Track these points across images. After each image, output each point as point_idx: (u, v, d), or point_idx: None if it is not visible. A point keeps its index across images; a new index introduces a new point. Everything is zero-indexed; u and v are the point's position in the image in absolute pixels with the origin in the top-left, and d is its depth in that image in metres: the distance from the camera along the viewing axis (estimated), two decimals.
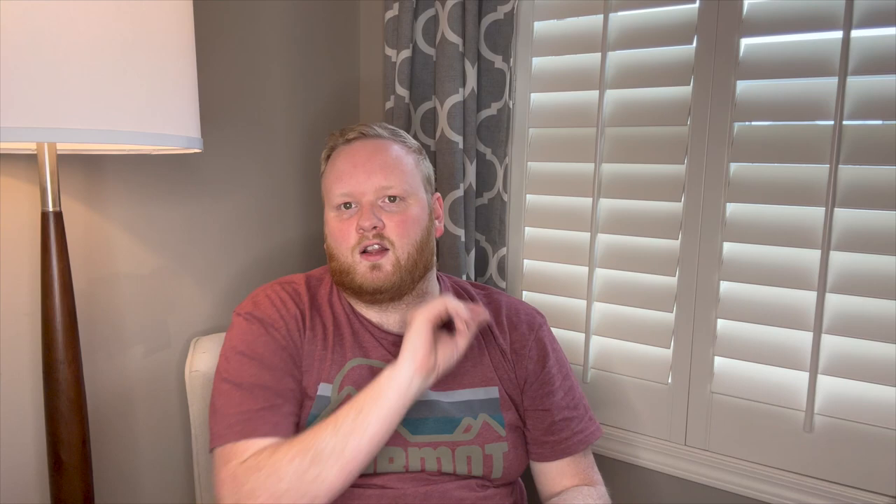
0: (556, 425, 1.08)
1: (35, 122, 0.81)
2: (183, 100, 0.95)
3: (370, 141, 1.05)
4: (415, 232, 1.02)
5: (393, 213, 1.01)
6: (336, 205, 1.03)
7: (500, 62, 1.38)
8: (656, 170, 1.29)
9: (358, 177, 1.01)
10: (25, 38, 0.80)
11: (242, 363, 0.98)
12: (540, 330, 1.13)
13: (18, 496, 1.12)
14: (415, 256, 1.02)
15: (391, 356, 1.04)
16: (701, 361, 1.27)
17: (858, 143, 1.10)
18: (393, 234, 1.00)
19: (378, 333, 1.06)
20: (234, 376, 0.97)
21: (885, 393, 1.10)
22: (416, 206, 1.03)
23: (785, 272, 1.17)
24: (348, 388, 1.01)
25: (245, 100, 1.40)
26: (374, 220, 0.99)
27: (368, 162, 1.01)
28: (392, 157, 1.03)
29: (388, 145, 1.05)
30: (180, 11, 0.94)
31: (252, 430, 0.92)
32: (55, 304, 0.97)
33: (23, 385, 1.11)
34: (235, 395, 0.95)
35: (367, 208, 1.00)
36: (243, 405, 0.94)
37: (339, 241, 1.02)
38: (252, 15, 1.39)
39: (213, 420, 0.96)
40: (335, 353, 1.03)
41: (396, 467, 0.99)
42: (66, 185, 1.13)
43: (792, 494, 1.19)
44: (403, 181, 1.02)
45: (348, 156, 1.04)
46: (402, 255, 1.00)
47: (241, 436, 0.92)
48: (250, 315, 1.02)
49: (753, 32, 1.17)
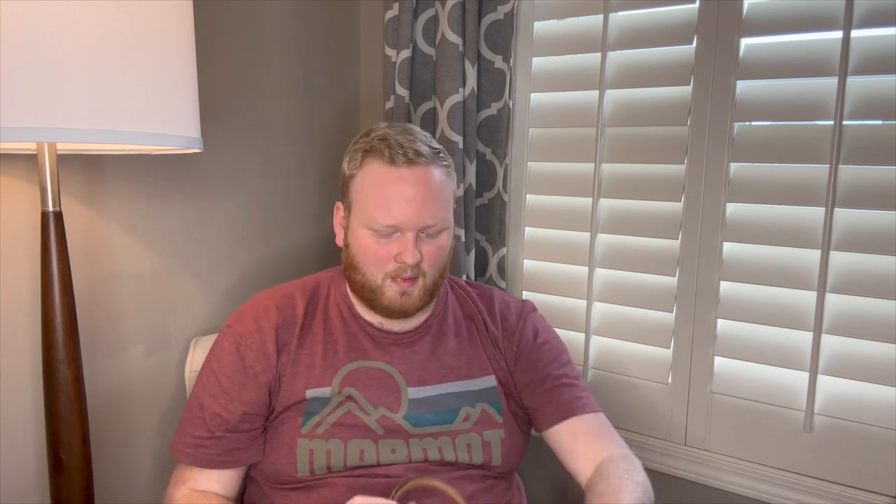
0: (556, 391, 1.08)
1: (35, 122, 0.81)
2: (183, 100, 0.95)
3: (418, 170, 0.98)
4: (444, 258, 1.03)
5: (430, 245, 1.01)
6: (375, 227, 0.99)
7: (500, 62, 1.38)
8: (656, 170, 1.29)
9: (407, 212, 0.97)
10: (25, 38, 0.80)
11: (209, 382, 1.03)
12: (529, 314, 1.15)
13: (18, 496, 1.12)
14: (438, 280, 1.04)
15: (389, 356, 1.06)
16: (701, 361, 1.27)
17: (858, 143, 1.10)
18: (427, 264, 1.01)
19: (377, 334, 1.07)
20: (200, 393, 1.04)
21: (885, 393, 1.10)
22: (448, 236, 1.03)
23: (785, 272, 1.17)
24: (348, 390, 1.02)
25: (245, 100, 1.40)
26: (419, 258, 0.99)
27: (419, 196, 0.97)
28: (437, 189, 1.00)
29: (432, 174, 1.00)
30: (180, 11, 0.94)
31: (197, 460, 1.01)
32: (55, 304, 0.96)
33: (23, 385, 1.11)
34: (196, 415, 1.02)
35: (412, 244, 0.98)
36: (196, 430, 1.02)
37: (371, 262, 1.00)
38: (252, 15, 1.39)
39: (179, 426, 1.05)
40: (326, 360, 1.04)
41: (399, 458, 1.00)
42: (66, 185, 1.13)
43: (792, 494, 1.19)
44: (445, 217, 1.01)
45: (396, 185, 0.97)
46: (429, 282, 1.02)
47: (189, 460, 1.01)
48: (230, 329, 1.06)
49: (753, 32, 1.17)
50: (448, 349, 1.09)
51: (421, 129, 1.08)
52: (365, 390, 1.03)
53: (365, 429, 1.01)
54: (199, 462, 1.01)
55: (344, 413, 1.01)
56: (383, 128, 1.04)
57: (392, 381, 1.04)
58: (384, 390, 1.03)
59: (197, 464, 1.01)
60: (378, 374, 1.04)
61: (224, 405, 1.01)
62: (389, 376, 1.05)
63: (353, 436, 1.00)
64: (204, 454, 1.01)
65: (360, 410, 1.02)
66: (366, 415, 1.02)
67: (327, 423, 1.00)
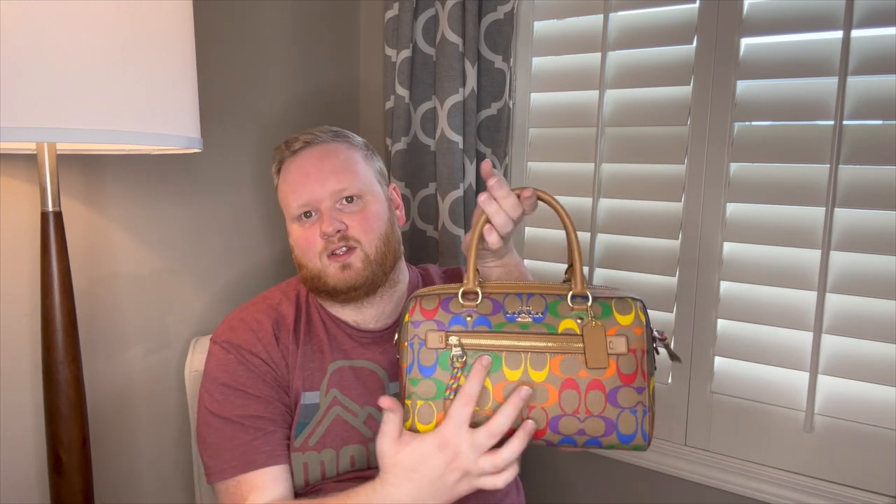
0: None
1: (35, 122, 0.81)
2: (183, 100, 0.95)
3: (316, 147, 1.04)
4: (378, 226, 1.02)
5: (353, 213, 1.01)
6: (296, 216, 1.02)
7: (500, 62, 1.38)
8: (656, 170, 1.29)
9: (311, 185, 1.00)
10: (25, 38, 0.80)
11: (227, 395, 0.98)
12: None
13: (18, 496, 1.12)
14: (383, 249, 1.02)
15: (371, 354, 1.05)
16: (701, 361, 1.27)
17: (858, 143, 1.09)
18: (357, 232, 1.00)
19: (356, 334, 1.06)
20: (221, 410, 0.97)
21: (885, 393, 1.10)
22: (374, 202, 1.03)
23: (785, 272, 1.17)
24: (333, 392, 1.02)
25: (245, 100, 1.40)
26: (337, 225, 0.99)
27: (319, 169, 1.01)
28: (341, 160, 1.03)
29: (335, 148, 1.04)
30: (180, 11, 0.94)
31: (250, 462, 0.94)
32: (55, 304, 0.96)
33: (23, 385, 1.11)
34: (227, 429, 0.96)
35: (328, 214, 0.99)
36: (236, 439, 0.95)
37: (305, 250, 1.01)
38: (252, 15, 1.39)
39: (207, 455, 0.97)
40: (314, 361, 1.04)
41: None
42: (66, 185, 1.13)
43: (792, 494, 1.19)
44: (357, 180, 1.02)
45: (298, 166, 1.03)
46: (370, 251, 1.01)
47: (239, 471, 0.94)
48: (228, 343, 1.02)
49: (753, 32, 1.17)
50: None
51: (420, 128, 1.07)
52: (349, 390, 1.02)
53: (355, 433, 1.01)
54: (252, 464, 0.93)
55: (333, 419, 1.01)
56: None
57: (375, 378, 1.04)
58: (368, 388, 1.03)
59: (250, 467, 0.93)
60: (361, 372, 1.04)
61: (262, 407, 0.97)
62: (372, 373, 1.04)
63: (345, 442, 1.00)
64: (256, 455, 0.94)
65: (347, 413, 1.01)
66: (353, 416, 1.01)
67: (318, 434, 1.00)
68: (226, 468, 0.94)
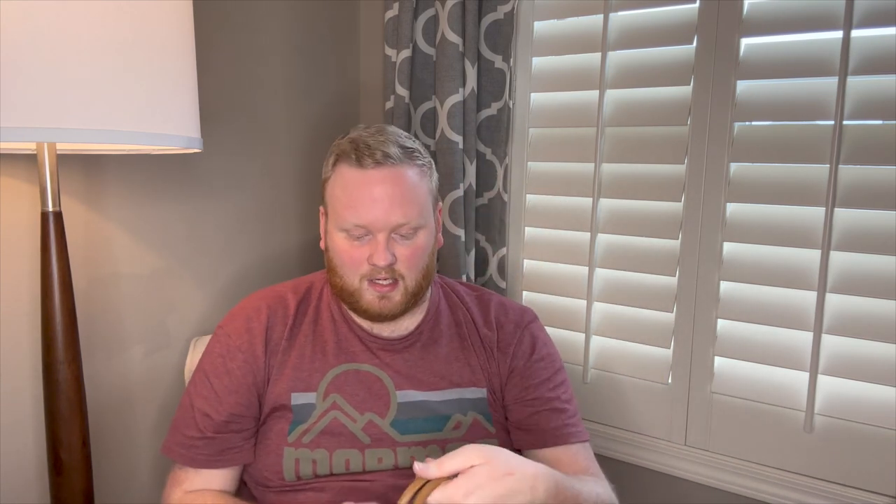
0: (544, 415, 1.06)
1: (35, 122, 0.81)
2: (183, 100, 0.95)
3: (386, 170, 0.98)
4: (423, 260, 1.02)
5: (405, 246, 0.99)
6: (346, 228, 0.99)
7: (500, 62, 1.38)
8: (656, 170, 1.29)
9: (375, 212, 0.97)
10: (25, 38, 0.80)
11: (200, 382, 1.04)
12: (528, 326, 1.12)
13: (18, 496, 1.12)
14: (422, 282, 1.03)
15: (379, 360, 1.05)
16: (701, 361, 1.27)
17: (858, 143, 1.09)
18: (403, 267, 0.99)
19: (368, 338, 1.06)
20: (192, 392, 1.04)
21: (885, 393, 1.10)
22: (424, 234, 1.02)
23: (785, 272, 1.17)
24: (333, 396, 1.02)
25: (245, 100, 1.40)
26: (390, 259, 0.98)
27: (386, 197, 0.97)
28: (408, 189, 0.99)
29: (404, 173, 0.99)
30: (180, 11, 0.94)
31: (191, 459, 1.01)
32: (55, 304, 0.96)
33: (23, 385, 1.11)
34: (187, 415, 1.02)
35: (383, 245, 0.97)
36: (188, 429, 1.02)
37: (346, 265, 1.00)
38: (252, 15, 1.39)
39: (171, 426, 1.05)
40: (314, 363, 1.04)
41: (385, 466, 1.00)
42: (66, 185, 1.13)
43: (792, 494, 1.19)
44: (419, 214, 0.99)
45: (365, 183, 0.97)
46: (411, 285, 1.01)
47: (182, 460, 1.01)
48: (221, 330, 1.06)
49: (753, 32, 1.17)
50: (440, 356, 1.07)
51: (420, 128, 1.07)
52: (352, 395, 1.02)
53: (351, 438, 1.00)
54: (192, 462, 1.01)
55: (330, 421, 1.01)
56: (359, 129, 1.04)
57: (381, 385, 1.04)
58: (372, 394, 1.03)
59: (190, 464, 1.01)
60: (367, 377, 1.04)
61: (213, 406, 1.01)
62: (378, 380, 1.04)
63: (340, 445, 1.00)
64: (196, 454, 1.00)
65: (346, 417, 1.01)
66: (352, 422, 1.01)
67: (313, 432, 1.00)
68: (173, 451, 1.02)
